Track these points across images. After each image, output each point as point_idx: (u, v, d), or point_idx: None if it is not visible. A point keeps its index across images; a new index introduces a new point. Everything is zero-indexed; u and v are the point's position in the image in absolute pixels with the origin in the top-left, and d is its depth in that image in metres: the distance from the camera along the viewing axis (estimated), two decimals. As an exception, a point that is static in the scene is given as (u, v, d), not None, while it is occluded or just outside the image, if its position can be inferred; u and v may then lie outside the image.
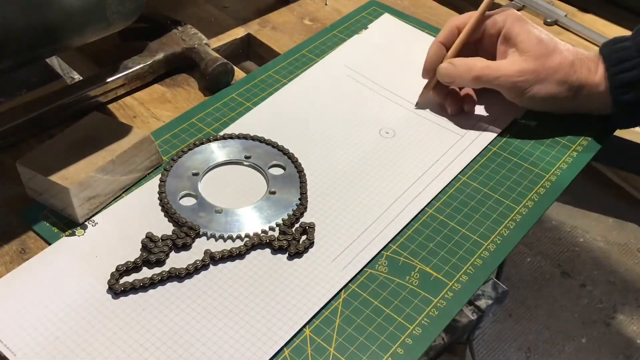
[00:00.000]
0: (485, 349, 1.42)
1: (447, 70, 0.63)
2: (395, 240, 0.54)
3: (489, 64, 0.61)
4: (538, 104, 0.62)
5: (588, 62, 0.61)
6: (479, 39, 0.65)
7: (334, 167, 0.60)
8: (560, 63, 0.60)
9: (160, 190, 0.57)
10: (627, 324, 1.49)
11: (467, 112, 0.66)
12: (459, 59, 0.63)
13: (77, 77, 0.69)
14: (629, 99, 0.60)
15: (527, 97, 0.61)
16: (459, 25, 0.64)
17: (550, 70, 0.60)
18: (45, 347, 0.45)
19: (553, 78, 0.60)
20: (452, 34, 0.64)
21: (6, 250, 0.53)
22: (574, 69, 0.60)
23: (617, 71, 0.60)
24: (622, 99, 0.61)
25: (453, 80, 0.63)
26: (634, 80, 0.59)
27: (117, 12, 0.55)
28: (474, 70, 0.61)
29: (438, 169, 0.61)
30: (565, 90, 0.60)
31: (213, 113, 0.66)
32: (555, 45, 0.61)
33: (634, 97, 0.60)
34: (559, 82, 0.60)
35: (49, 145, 0.55)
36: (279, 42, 0.77)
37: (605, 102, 0.62)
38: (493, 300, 0.56)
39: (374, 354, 0.46)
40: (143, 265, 0.51)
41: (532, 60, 0.60)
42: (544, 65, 0.59)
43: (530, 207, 0.58)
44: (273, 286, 0.50)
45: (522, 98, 0.62)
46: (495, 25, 0.63)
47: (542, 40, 0.60)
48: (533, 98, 0.61)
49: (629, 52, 0.60)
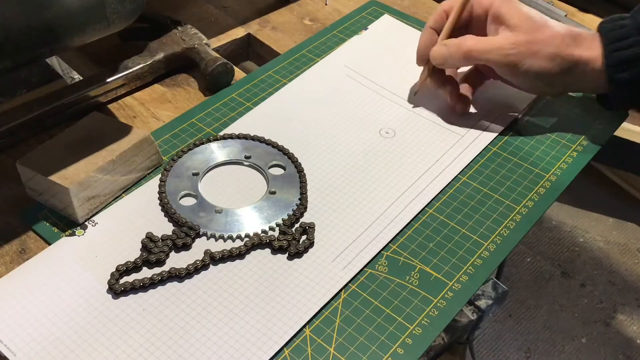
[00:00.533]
0: (485, 349, 1.42)
1: (439, 51, 0.63)
2: (395, 240, 0.54)
3: (479, 39, 0.61)
4: (532, 81, 0.62)
5: (582, 38, 0.61)
6: (468, 21, 0.65)
7: (334, 167, 0.60)
8: (551, 36, 0.59)
9: (160, 190, 0.57)
10: (627, 324, 1.49)
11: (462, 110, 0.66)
12: (450, 39, 0.62)
13: (77, 77, 0.69)
14: (624, 77, 0.60)
15: (521, 72, 0.60)
16: (447, 10, 0.64)
17: (542, 43, 0.59)
18: (45, 347, 0.45)
19: (545, 51, 0.59)
20: (442, 18, 0.64)
21: (6, 250, 0.53)
22: (566, 43, 0.60)
23: (614, 49, 0.60)
24: (618, 77, 0.60)
25: (445, 60, 0.63)
26: (631, 58, 0.59)
27: (117, 12, 0.55)
28: (464, 46, 0.61)
29: (438, 169, 0.61)
30: (557, 65, 0.60)
31: (213, 113, 0.66)
32: (545, 21, 0.60)
33: (629, 76, 0.60)
34: (552, 55, 0.59)
35: (49, 145, 0.55)
36: (279, 42, 0.77)
37: (600, 80, 0.61)
38: (493, 300, 0.56)
39: (374, 354, 0.46)
40: (143, 265, 0.51)
41: (522, 33, 0.59)
42: (536, 38, 0.59)
43: (530, 207, 0.58)
44: (273, 286, 0.50)
45: (516, 74, 0.61)
46: (482, 5, 0.63)
47: (531, 17, 0.60)
48: (527, 73, 0.60)
49: (627, 31, 0.60)
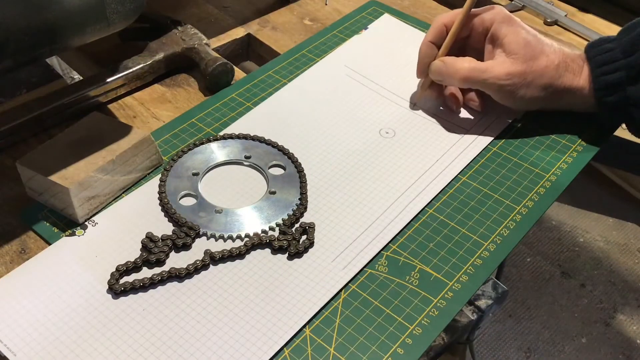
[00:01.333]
0: (485, 349, 1.42)
1: (438, 67, 0.63)
2: (395, 240, 0.54)
3: (477, 65, 0.61)
4: (524, 105, 0.63)
5: (573, 64, 0.61)
6: (467, 36, 0.65)
7: (334, 167, 0.60)
8: (546, 67, 0.60)
9: (160, 190, 0.57)
10: (627, 324, 1.49)
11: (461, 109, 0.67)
12: (450, 58, 0.63)
13: (77, 77, 0.69)
14: (612, 100, 0.61)
15: (514, 99, 0.62)
16: (447, 23, 0.64)
17: (536, 74, 0.60)
18: (45, 347, 0.45)
19: (539, 82, 0.60)
20: (441, 32, 0.64)
21: (6, 250, 0.53)
22: (559, 73, 0.61)
23: (600, 73, 0.60)
24: (606, 100, 0.61)
25: (443, 78, 0.63)
26: (618, 82, 0.60)
27: (117, 12, 0.55)
28: (461, 71, 0.61)
29: (438, 169, 0.61)
30: (550, 94, 0.61)
31: (213, 113, 0.66)
32: (542, 48, 0.61)
33: (616, 99, 0.60)
34: (545, 86, 0.61)
35: (49, 145, 0.55)
36: (279, 42, 0.77)
37: (589, 103, 0.62)
38: (493, 300, 0.56)
39: (374, 354, 0.46)
40: (143, 265, 0.51)
41: (519, 63, 0.60)
42: (531, 69, 0.60)
43: (530, 207, 0.58)
44: (273, 286, 0.50)
45: (509, 100, 0.62)
46: (482, 23, 0.63)
47: (529, 43, 0.60)
48: (520, 100, 0.61)
49: (614, 54, 0.60)
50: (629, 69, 0.59)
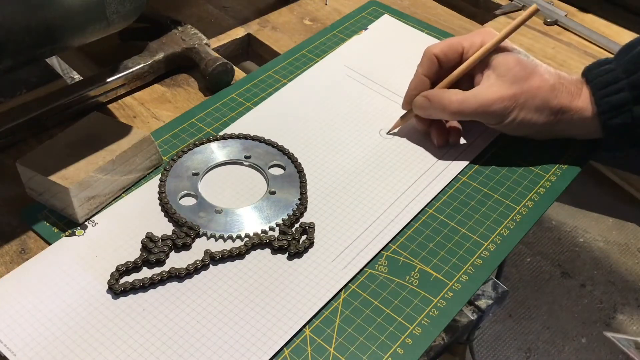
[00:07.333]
0: (485, 349, 1.42)
1: (421, 104, 0.60)
2: (395, 240, 0.54)
3: (465, 97, 0.58)
4: (519, 130, 0.60)
5: (571, 86, 0.58)
6: (458, 61, 0.62)
7: (334, 167, 0.60)
8: (539, 86, 0.57)
9: (160, 190, 0.57)
10: (627, 324, 1.49)
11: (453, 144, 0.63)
12: (435, 93, 0.60)
13: (77, 77, 0.69)
14: (617, 122, 0.57)
15: (507, 124, 0.59)
16: (437, 53, 0.61)
17: (529, 94, 0.57)
18: (45, 347, 0.45)
19: (532, 103, 0.57)
20: (432, 63, 0.61)
21: (6, 250, 0.53)
22: (554, 94, 0.58)
23: (603, 95, 0.57)
24: (611, 123, 0.58)
25: (429, 114, 0.61)
26: (623, 102, 0.57)
27: (117, 12, 0.55)
28: (450, 106, 0.58)
29: (438, 168, 0.61)
30: (545, 117, 0.58)
31: (213, 113, 0.66)
32: (534, 67, 0.58)
33: (622, 120, 0.57)
34: (538, 108, 0.58)
35: (49, 145, 0.55)
36: (279, 42, 0.77)
37: (592, 127, 0.59)
38: (493, 300, 0.56)
39: (374, 354, 0.47)
40: (143, 265, 0.51)
41: (509, 84, 0.57)
42: (522, 89, 0.57)
43: (530, 207, 0.58)
44: (273, 286, 0.50)
45: (501, 125, 0.59)
46: (472, 47, 0.60)
47: (520, 62, 0.58)
48: (512, 123, 0.58)
49: (615, 74, 0.57)
50: (633, 88, 0.56)
